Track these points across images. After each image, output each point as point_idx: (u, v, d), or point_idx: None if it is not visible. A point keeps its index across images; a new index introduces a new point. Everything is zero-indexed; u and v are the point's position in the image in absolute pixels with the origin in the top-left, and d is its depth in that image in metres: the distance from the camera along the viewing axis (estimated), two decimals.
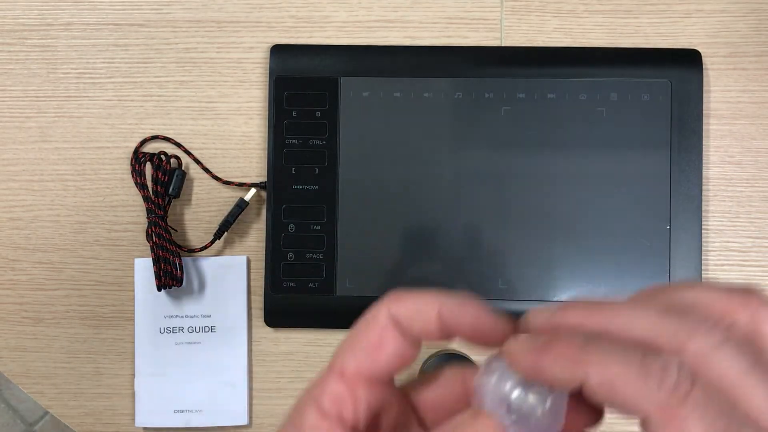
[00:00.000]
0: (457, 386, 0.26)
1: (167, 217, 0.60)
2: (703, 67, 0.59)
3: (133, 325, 0.60)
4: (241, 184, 0.60)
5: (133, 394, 0.60)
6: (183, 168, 0.60)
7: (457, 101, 0.59)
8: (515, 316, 0.24)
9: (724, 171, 0.59)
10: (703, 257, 0.58)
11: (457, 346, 0.59)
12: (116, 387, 0.61)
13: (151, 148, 0.61)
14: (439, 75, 0.59)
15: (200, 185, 0.61)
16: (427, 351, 0.59)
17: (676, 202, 0.58)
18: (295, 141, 0.59)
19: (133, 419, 0.60)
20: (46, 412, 1.35)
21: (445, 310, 0.24)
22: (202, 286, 0.60)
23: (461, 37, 0.61)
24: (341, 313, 0.58)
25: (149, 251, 0.58)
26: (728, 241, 0.59)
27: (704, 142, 0.59)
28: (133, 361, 0.60)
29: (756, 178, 0.59)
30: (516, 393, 0.22)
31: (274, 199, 0.59)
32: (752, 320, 0.21)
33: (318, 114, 0.59)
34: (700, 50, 0.59)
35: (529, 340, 0.22)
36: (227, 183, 0.60)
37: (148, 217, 0.58)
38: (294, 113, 0.59)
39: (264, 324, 0.60)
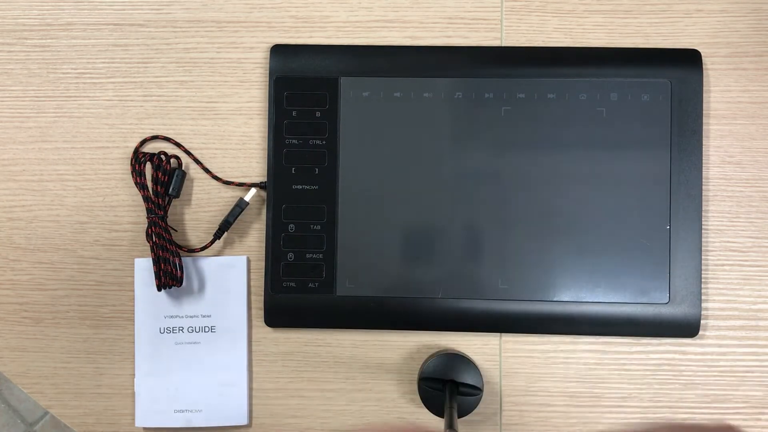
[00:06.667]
0: None
1: (167, 217, 0.60)
2: (703, 67, 0.59)
3: (133, 325, 0.60)
4: (241, 184, 0.60)
5: (133, 394, 0.60)
6: (183, 168, 0.60)
7: (457, 101, 0.59)
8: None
9: (724, 171, 0.59)
10: (703, 257, 0.58)
11: (457, 346, 0.59)
12: (116, 387, 0.61)
13: (151, 148, 0.61)
14: (439, 75, 0.59)
15: (200, 185, 0.61)
16: (427, 351, 0.59)
17: (676, 202, 0.58)
18: (295, 141, 0.59)
19: (133, 419, 0.60)
20: (46, 412, 1.36)
21: None
22: (202, 286, 0.60)
23: (461, 37, 0.61)
24: (341, 313, 0.58)
25: (149, 251, 0.58)
26: (728, 241, 0.59)
27: (704, 142, 0.59)
28: (133, 361, 0.60)
29: (756, 178, 0.59)
30: None
31: (274, 199, 0.59)
32: None
33: (318, 114, 0.59)
34: (700, 50, 0.59)
35: None
36: (227, 183, 0.60)
37: (148, 217, 0.58)
38: (294, 113, 0.59)
39: (264, 324, 0.60)
